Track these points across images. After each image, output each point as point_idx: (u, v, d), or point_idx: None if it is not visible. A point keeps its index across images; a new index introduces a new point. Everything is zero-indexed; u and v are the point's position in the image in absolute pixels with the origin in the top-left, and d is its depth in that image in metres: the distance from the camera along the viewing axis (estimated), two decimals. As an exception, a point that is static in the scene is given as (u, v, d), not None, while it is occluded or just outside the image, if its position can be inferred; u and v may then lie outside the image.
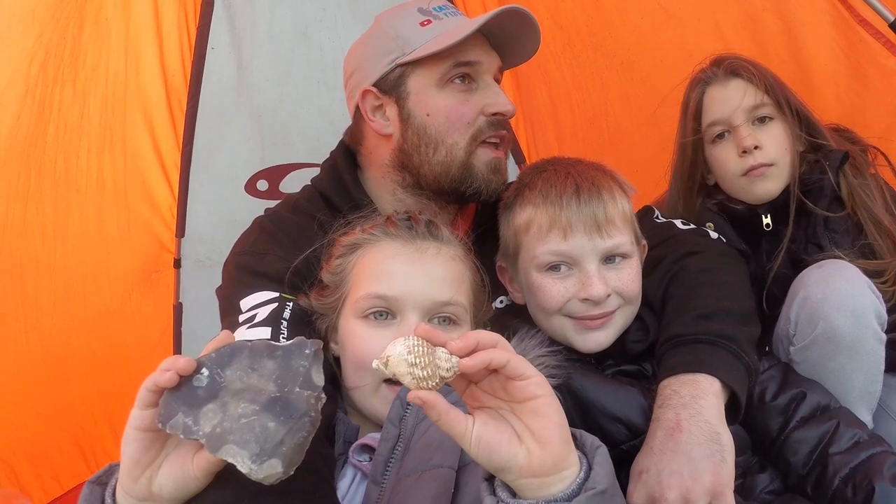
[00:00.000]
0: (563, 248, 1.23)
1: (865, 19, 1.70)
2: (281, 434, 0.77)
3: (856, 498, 1.13)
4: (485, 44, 1.41)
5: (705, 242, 1.46)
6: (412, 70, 1.38)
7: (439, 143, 1.37)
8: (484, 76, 1.40)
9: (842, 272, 1.34)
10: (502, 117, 1.40)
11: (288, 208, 1.46)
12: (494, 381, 0.76)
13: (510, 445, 0.74)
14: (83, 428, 2.23)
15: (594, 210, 1.23)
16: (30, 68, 1.86)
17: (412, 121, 1.39)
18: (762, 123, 1.57)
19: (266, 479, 0.76)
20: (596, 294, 1.20)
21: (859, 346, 1.28)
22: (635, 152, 2.29)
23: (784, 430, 1.25)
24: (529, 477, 0.74)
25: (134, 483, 0.83)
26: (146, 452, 0.83)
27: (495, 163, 1.41)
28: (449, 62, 1.36)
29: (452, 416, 0.74)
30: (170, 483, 0.83)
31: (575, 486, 0.74)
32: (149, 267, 2.50)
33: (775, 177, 1.56)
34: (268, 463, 0.75)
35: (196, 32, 2.39)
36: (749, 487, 1.23)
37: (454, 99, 1.37)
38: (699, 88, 1.62)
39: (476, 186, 1.39)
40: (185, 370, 0.80)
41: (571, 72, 2.40)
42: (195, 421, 0.78)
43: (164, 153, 2.46)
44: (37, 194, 2.02)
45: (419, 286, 1.12)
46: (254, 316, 1.20)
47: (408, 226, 1.19)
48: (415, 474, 0.96)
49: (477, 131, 1.38)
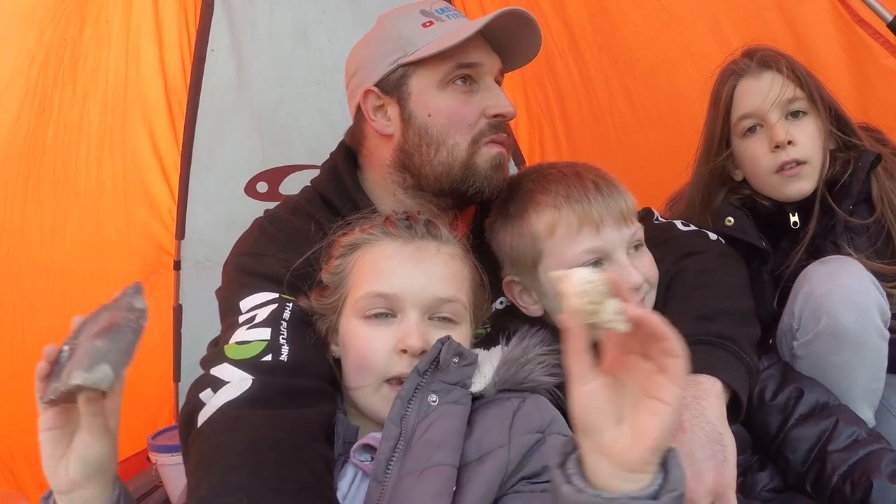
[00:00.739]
0: (597, 243, 1.22)
1: (864, 19, 1.70)
2: (107, 346, 0.89)
3: (854, 495, 1.13)
4: (486, 45, 1.41)
5: (705, 243, 1.45)
6: (414, 70, 1.38)
7: (441, 144, 1.37)
8: (485, 77, 1.40)
9: (846, 268, 1.33)
10: (503, 119, 1.40)
11: (287, 209, 1.46)
12: (641, 363, 0.76)
13: (607, 419, 0.74)
14: (82, 430, 2.22)
15: (617, 202, 1.24)
16: (30, 69, 1.86)
17: (413, 121, 1.38)
18: (795, 118, 1.51)
19: (99, 382, 0.87)
20: (636, 281, 1.21)
21: (863, 341, 1.28)
22: (640, 150, 2.29)
23: (783, 428, 1.25)
24: (602, 456, 0.74)
25: (54, 477, 0.94)
26: (56, 447, 0.93)
27: (498, 159, 1.40)
28: (451, 63, 1.36)
29: (584, 357, 0.75)
30: (75, 461, 0.93)
31: (656, 486, 0.73)
32: (148, 269, 2.50)
33: (809, 176, 1.50)
34: (97, 368, 0.87)
35: (196, 34, 2.41)
36: (749, 486, 1.23)
37: (455, 100, 1.37)
38: (731, 80, 1.56)
39: (479, 185, 1.38)
40: (50, 355, 0.92)
41: (578, 69, 2.41)
42: (58, 379, 0.90)
43: (164, 155, 2.46)
44: (36, 195, 2.02)
45: (419, 284, 1.12)
46: (253, 317, 1.19)
47: (406, 225, 1.19)
48: (416, 472, 0.95)
49: (478, 133, 1.37)
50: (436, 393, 1.04)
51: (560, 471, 0.77)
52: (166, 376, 2.60)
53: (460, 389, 1.06)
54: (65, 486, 0.95)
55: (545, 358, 1.11)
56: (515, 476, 0.97)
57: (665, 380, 0.73)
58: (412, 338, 1.08)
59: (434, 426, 1.00)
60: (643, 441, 0.72)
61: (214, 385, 1.07)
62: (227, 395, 1.05)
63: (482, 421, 1.04)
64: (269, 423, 1.02)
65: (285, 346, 1.13)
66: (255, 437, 0.99)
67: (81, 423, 0.93)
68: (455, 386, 1.06)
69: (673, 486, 0.73)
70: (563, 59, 2.43)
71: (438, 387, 1.05)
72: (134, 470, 2.41)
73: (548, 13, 2.33)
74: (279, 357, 1.11)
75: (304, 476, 0.98)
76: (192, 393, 1.10)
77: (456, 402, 1.04)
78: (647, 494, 0.72)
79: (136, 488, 2.30)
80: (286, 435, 1.01)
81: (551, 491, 0.79)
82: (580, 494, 0.73)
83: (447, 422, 1.00)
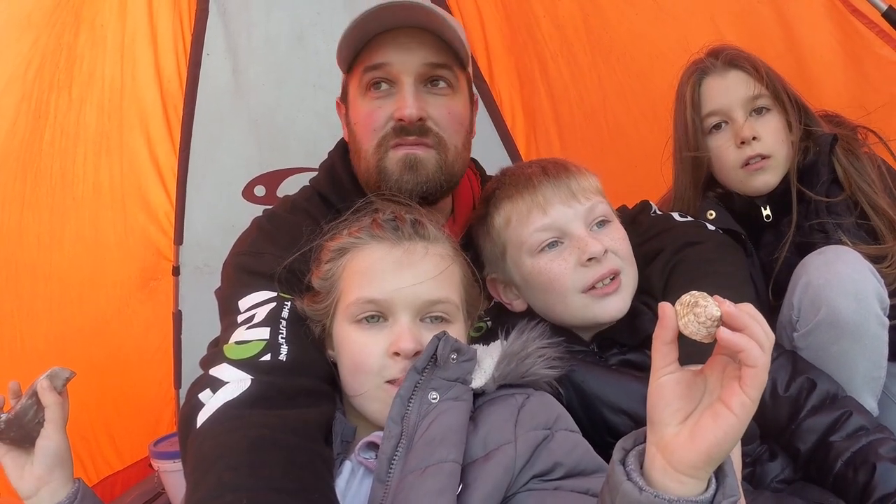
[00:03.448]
0: (545, 221, 1.26)
1: (858, 9, 1.71)
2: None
3: (857, 478, 1.15)
4: (399, 40, 1.34)
5: (704, 234, 1.45)
6: (349, 80, 1.43)
7: (360, 149, 1.40)
8: (401, 77, 1.35)
9: (843, 257, 1.34)
10: (403, 122, 1.34)
11: (286, 208, 1.46)
12: (727, 366, 0.74)
13: (673, 414, 0.73)
14: (82, 436, 2.21)
15: (565, 182, 1.28)
16: (26, 74, 1.86)
17: (350, 128, 1.44)
18: (759, 115, 1.57)
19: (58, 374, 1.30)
20: (595, 250, 1.22)
21: (862, 329, 1.28)
22: (635, 147, 2.29)
23: (795, 419, 1.26)
24: (658, 451, 0.73)
25: (21, 482, 1.22)
26: (18, 460, 1.24)
27: (406, 160, 1.35)
28: (361, 68, 1.37)
29: (672, 347, 0.74)
30: (39, 457, 1.22)
31: (712, 491, 0.72)
32: (147, 274, 2.49)
33: (773, 169, 1.56)
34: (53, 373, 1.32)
35: (191, 38, 2.39)
36: (760, 476, 1.23)
37: (368, 106, 1.37)
38: (695, 78, 1.62)
39: (392, 187, 1.36)
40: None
41: (570, 69, 2.42)
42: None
43: (161, 159, 2.45)
44: (33, 200, 2.01)
45: (408, 287, 1.11)
46: (252, 316, 1.19)
47: (393, 227, 1.18)
48: (418, 470, 0.95)
49: (382, 138, 1.36)
50: (436, 390, 1.04)
51: (621, 467, 0.76)
52: (167, 382, 2.59)
53: (461, 386, 1.05)
54: (32, 486, 1.21)
55: (545, 351, 1.11)
56: (526, 474, 0.96)
57: (738, 388, 0.71)
58: (404, 340, 1.07)
59: (435, 423, 0.99)
60: (697, 443, 0.71)
61: (213, 385, 1.07)
62: (227, 395, 1.04)
63: (487, 418, 1.03)
64: (269, 424, 1.01)
65: (284, 346, 1.13)
66: (254, 438, 0.99)
67: (46, 418, 1.23)
68: (455, 382, 1.05)
69: (730, 492, 0.72)
70: (554, 60, 2.43)
71: (438, 384, 1.04)
72: (136, 477, 2.41)
73: (539, 13, 2.34)
74: (278, 356, 1.11)
75: (304, 476, 0.98)
76: (191, 393, 1.09)
77: (457, 398, 1.03)
78: (705, 500, 0.71)
79: (139, 496, 2.29)
80: (286, 435, 1.00)
81: (606, 485, 0.77)
82: (641, 493, 0.71)
83: (448, 418, 1.00)
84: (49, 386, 1.27)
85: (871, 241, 1.47)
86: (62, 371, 1.31)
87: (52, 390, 1.27)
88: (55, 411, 1.25)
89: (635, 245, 1.33)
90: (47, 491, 1.22)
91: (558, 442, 0.99)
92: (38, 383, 1.28)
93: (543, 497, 0.94)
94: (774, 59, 1.78)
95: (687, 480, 0.71)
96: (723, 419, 0.70)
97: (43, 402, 1.25)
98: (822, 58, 1.83)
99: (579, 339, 1.30)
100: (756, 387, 0.69)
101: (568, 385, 1.16)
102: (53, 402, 1.26)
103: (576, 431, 1.04)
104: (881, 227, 1.48)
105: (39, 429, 1.24)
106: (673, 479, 0.71)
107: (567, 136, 2.54)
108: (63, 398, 1.29)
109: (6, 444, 1.24)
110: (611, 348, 1.29)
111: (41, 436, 1.23)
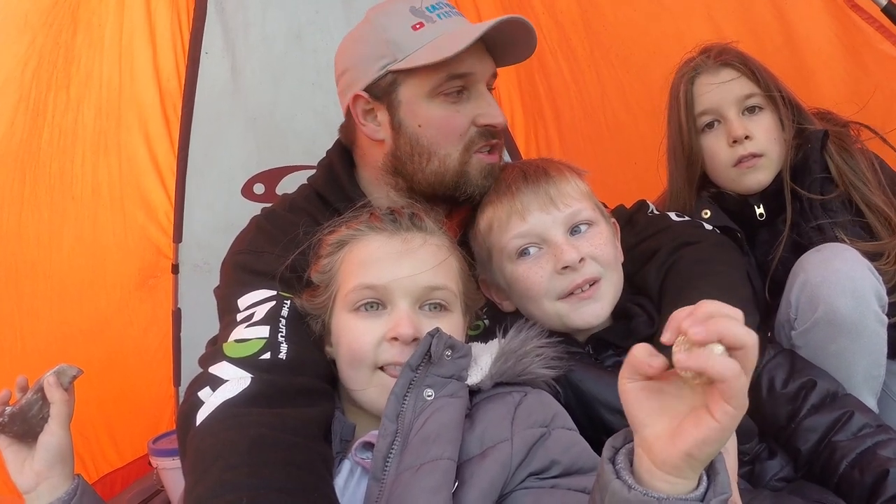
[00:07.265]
0: (523, 228, 1.27)
1: (857, 4, 1.70)
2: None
3: (864, 479, 1.13)
4: (480, 51, 1.38)
5: (700, 233, 1.45)
6: (404, 78, 1.36)
7: (432, 154, 1.37)
8: (476, 85, 1.38)
9: (840, 255, 1.33)
10: (493, 129, 1.39)
11: (284, 206, 1.46)
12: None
13: (650, 414, 0.71)
14: (82, 435, 2.22)
15: (544, 188, 1.28)
16: (23, 74, 1.85)
17: (404, 130, 1.37)
18: (752, 114, 1.57)
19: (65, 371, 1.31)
20: (569, 258, 1.22)
21: (860, 327, 1.28)
22: (634, 143, 2.29)
23: (794, 418, 1.25)
24: (644, 452, 0.72)
25: (20, 477, 1.22)
26: (19, 454, 1.24)
27: (489, 168, 1.39)
28: (443, 74, 1.34)
29: (640, 359, 0.71)
30: (40, 453, 1.23)
31: (702, 489, 0.71)
32: (146, 273, 2.49)
33: (765, 167, 1.56)
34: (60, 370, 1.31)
35: (189, 37, 2.39)
36: (759, 474, 1.22)
37: (445, 110, 1.36)
38: (688, 77, 1.62)
39: (470, 192, 1.38)
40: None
41: (569, 66, 2.41)
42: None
43: (160, 158, 2.45)
44: (32, 200, 2.01)
45: (407, 273, 1.12)
46: (252, 314, 1.19)
47: (391, 219, 1.19)
48: (413, 468, 0.95)
49: (469, 142, 1.37)
50: (431, 387, 1.04)
51: (610, 465, 0.75)
52: (166, 380, 2.59)
53: (456, 382, 1.05)
54: (31, 481, 1.22)
55: (543, 350, 1.11)
56: (523, 471, 0.96)
57: (720, 397, 0.68)
58: (403, 326, 1.08)
59: (430, 420, 0.99)
60: (678, 445, 0.70)
61: (213, 383, 1.07)
62: (226, 393, 1.05)
63: (483, 415, 1.03)
64: (269, 422, 1.01)
65: (284, 344, 1.13)
66: (254, 436, 0.99)
67: (51, 414, 1.24)
68: (450, 379, 1.05)
69: (721, 490, 0.71)
70: (553, 56, 2.42)
71: (433, 381, 1.04)
72: (135, 475, 2.41)
73: (538, 10, 2.33)
74: (278, 355, 1.11)
75: (303, 475, 0.97)
76: (190, 391, 1.10)
77: (452, 395, 1.03)
78: (695, 497, 0.70)
79: (138, 493, 2.30)
80: (286, 434, 1.00)
81: (597, 483, 0.77)
82: (630, 492, 0.71)
83: (443, 415, 1.00)
84: (56, 382, 1.27)
85: (868, 238, 1.47)
86: (70, 368, 1.31)
87: (59, 387, 1.27)
88: (60, 408, 1.26)
89: (632, 245, 1.32)
90: (46, 486, 1.23)
91: (555, 440, 0.99)
92: (44, 379, 1.27)
93: (540, 495, 0.94)
94: (772, 53, 1.78)
95: (673, 480, 0.71)
96: (704, 424, 0.69)
97: (49, 398, 1.26)
98: (821, 52, 1.82)
99: (574, 340, 1.30)
100: (735, 396, 0.67)
101: (566, 385, 1.16)
102: (59, 398, 1.26)
103: (573, 429, 1.04)
104: (876, 224, 1.48)
105: (43, 424, 1.25)
106: (659, 478, 0.71)
107: (566, 132, 2.54)
108: (69, 395, 1.29)
109: (9, 438, 1.24)
110: (606, 350, 1.28)
111: (44, 431, 1.24)
